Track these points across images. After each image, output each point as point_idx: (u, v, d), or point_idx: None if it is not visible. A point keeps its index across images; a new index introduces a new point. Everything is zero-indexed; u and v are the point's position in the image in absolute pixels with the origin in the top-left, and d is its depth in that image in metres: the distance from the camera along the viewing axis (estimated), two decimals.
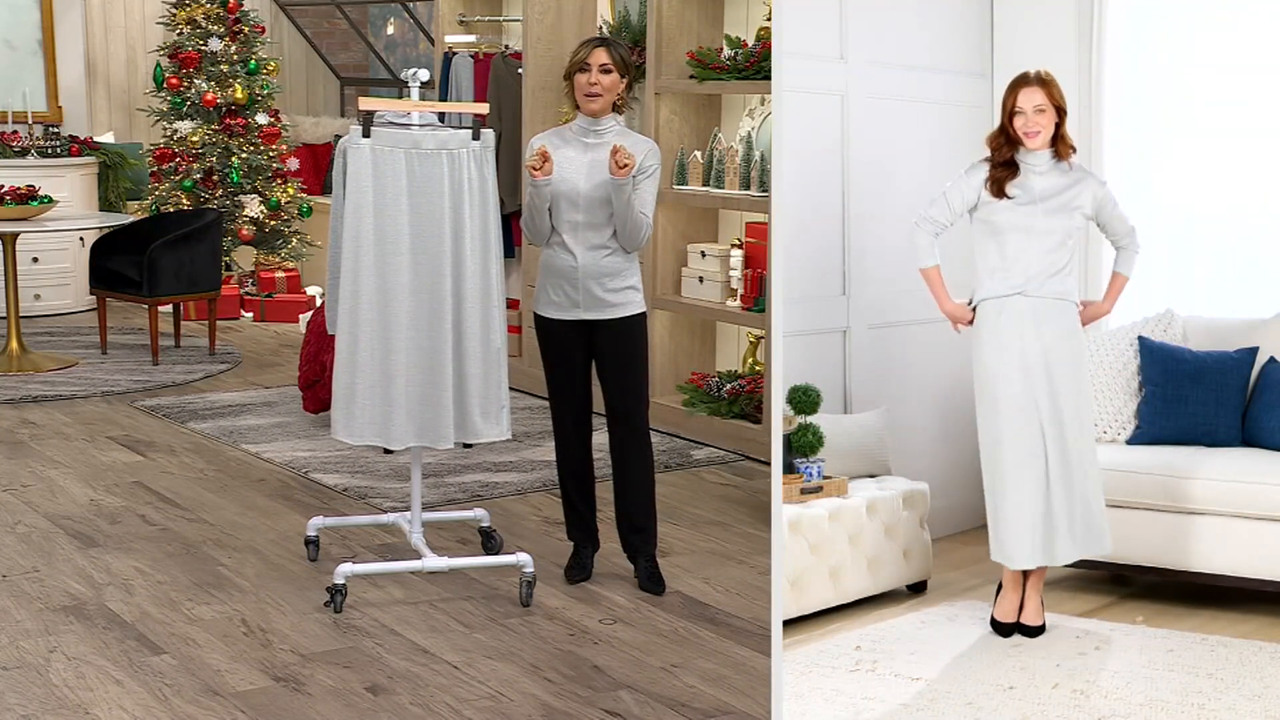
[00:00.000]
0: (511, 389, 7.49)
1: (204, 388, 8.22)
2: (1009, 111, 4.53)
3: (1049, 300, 4.54)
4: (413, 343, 4.84)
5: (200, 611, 4.82)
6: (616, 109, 4.91)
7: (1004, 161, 4.56)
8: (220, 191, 10.31)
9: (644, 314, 4.99)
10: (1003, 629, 4.57)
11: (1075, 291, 4.62)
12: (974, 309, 4.62)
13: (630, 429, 4.99)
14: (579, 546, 5.16)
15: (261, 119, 10.42)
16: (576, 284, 4.89)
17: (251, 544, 5.52)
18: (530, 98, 7.97)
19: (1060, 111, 4.53)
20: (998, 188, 4.55)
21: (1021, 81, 4.53)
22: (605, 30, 7.73)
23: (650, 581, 5.01)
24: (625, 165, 4.69)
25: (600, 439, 5.28)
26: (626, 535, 5.07)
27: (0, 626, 4.66)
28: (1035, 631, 4.56)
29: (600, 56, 4.83)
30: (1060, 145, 4.56)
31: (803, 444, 4.89)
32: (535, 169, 4.75)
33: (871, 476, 5.12)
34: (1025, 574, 4.59)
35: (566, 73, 4.91)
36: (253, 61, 10.42)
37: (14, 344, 8.53)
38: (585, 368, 5.01)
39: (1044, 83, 4.51)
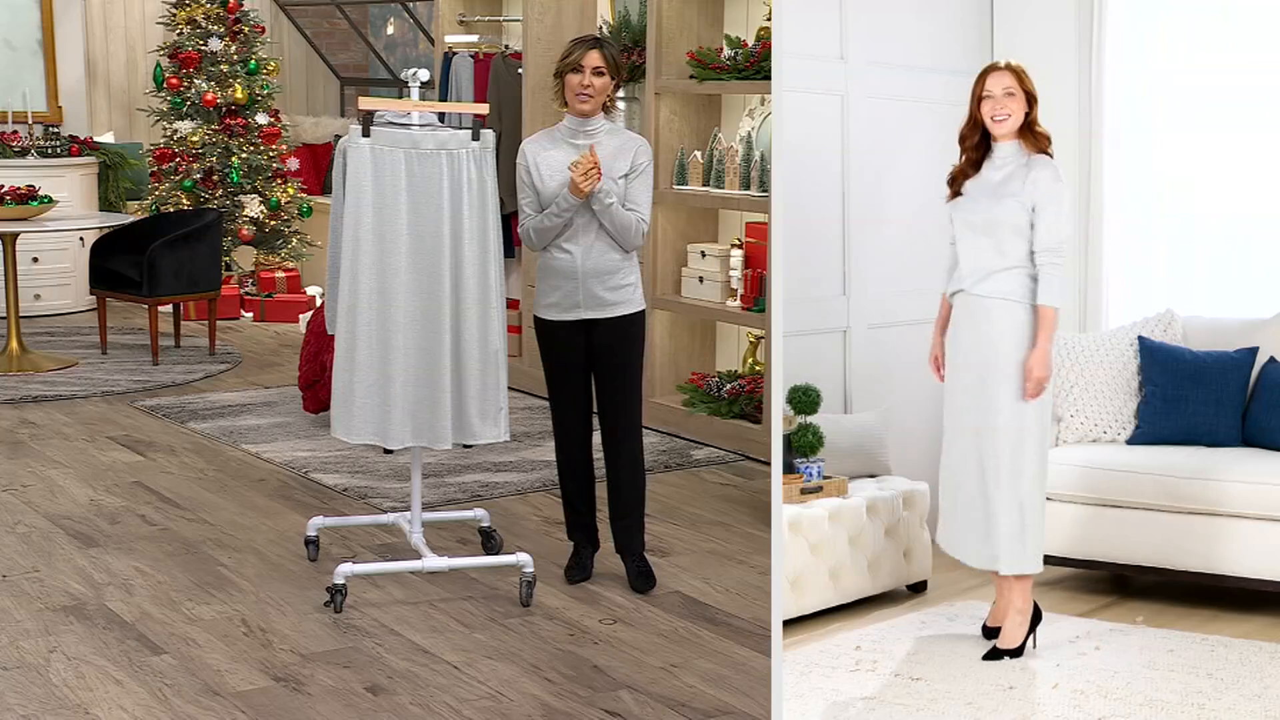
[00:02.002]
0: (511, 389, 7.49)
1: (204, 388, 8.22)
2: (977, 97, 4.36)
3: (988, 299, 4.35)
4: (411, 343, 4.84)
5: (200, 611, 4.82)
6: (605, 109, 4.92)
7: (972, 153, 4.40)
8: (220, 191, 10.31)
9: (643, 311, 4.99)
10: (991, 633, 4.54)
11: (1021, 291, 4.32)
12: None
13: (622, 426, 4.98)
14: (579, 547, 5.16)
15: (261, 119, 10.42)
16: (577, 284, 4.89)
17: (251, 544, 5.52)
18: (530, 98, 7.97)
19: (1030, 98, 4.33)
20: (956, 184, 4.42)
21: (991, 68, 4.37)
22: (605, 30, 7.73)
23: (639, 579, 5.01)
24: (591, 171, 4.71)
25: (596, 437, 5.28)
26: (612, 525, 5.07)
27: (0, 626, 4.67)
28: (1013, 654, 4.39)
29: (594, 59, 4.83)
30: (1027, 136, 4.35)
31: (803, 444, 4.89)
32: (585, 180, 4.72)
33: (871, 476, 5.12)
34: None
35: (558, 71, 4.90)
36: (253, 61, 10.42)
37: (14, 344, 8.52)
38: (586, 368, 5.01)
39: (1013, 69, 4.34)
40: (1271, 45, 5.16)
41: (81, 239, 10.32)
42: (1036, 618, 4.45)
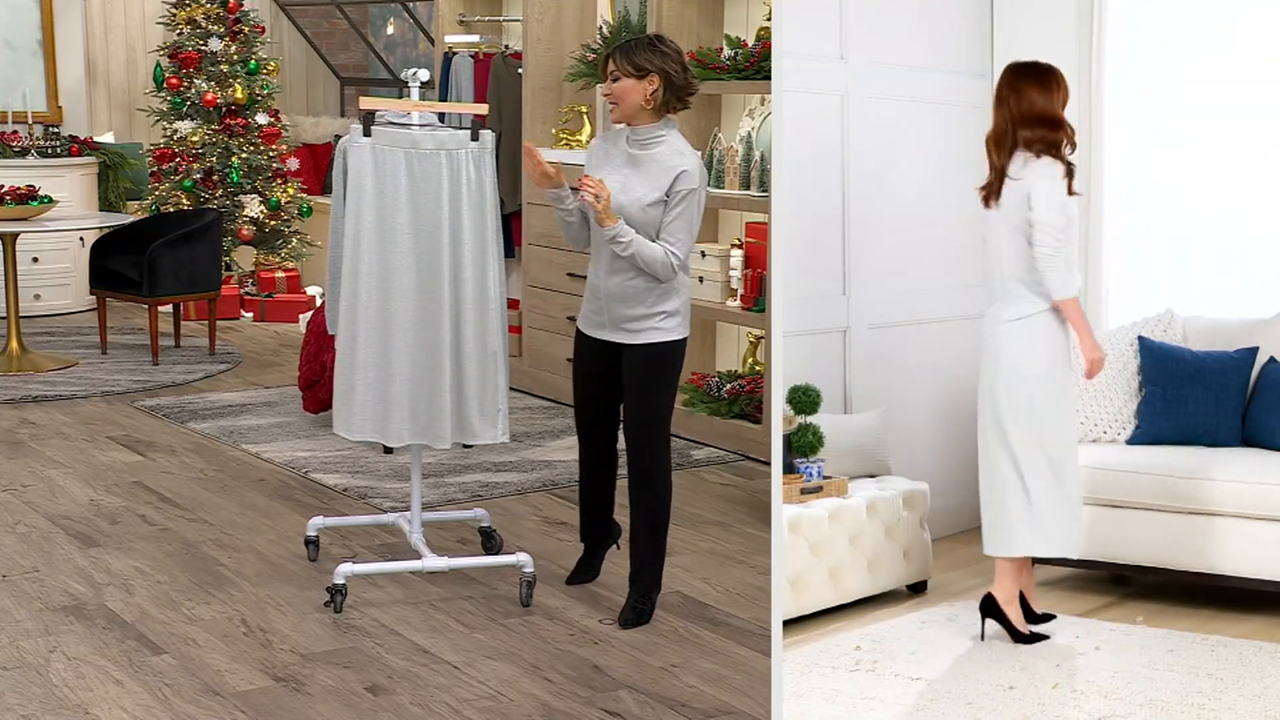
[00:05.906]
0: (512, 389, 7.49)
1: (204, 388, 8.22)
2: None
3: None
4: (411, 342, 4.84)
5: (200, 611, 4.82)
6: (670, 110, 4.68)
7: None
8: (220, 191, 10.31)
9: (670, 343, 4.68)
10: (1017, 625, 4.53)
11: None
12: None
13: (640, 464, 4.73)
14: (590, 548, 5.10)
15: (261, 119, 10.42)
16: (602, 303, 4.72)
17: (251, 544, 5.52)
18: (530, 98, 7.97)
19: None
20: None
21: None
22: (605, 30, 7.73)
23: (630, 611, 4.74)
24: (593, 195, 4.52)
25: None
26: (630, 552, 4.83)
27: (0, 626, 4.67)
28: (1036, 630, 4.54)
29: (609, 66, 4.73)
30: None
31: (803, 444, 4.89)
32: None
33: (871, 476, 5.11)
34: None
35: None
36: (253, 61, 10.42)
37: (14, 344, 8.53)
38: (605, 386, 4.81)
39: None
40: (1272, 45, 5.16)
41: (81, 239, 10.32)
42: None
